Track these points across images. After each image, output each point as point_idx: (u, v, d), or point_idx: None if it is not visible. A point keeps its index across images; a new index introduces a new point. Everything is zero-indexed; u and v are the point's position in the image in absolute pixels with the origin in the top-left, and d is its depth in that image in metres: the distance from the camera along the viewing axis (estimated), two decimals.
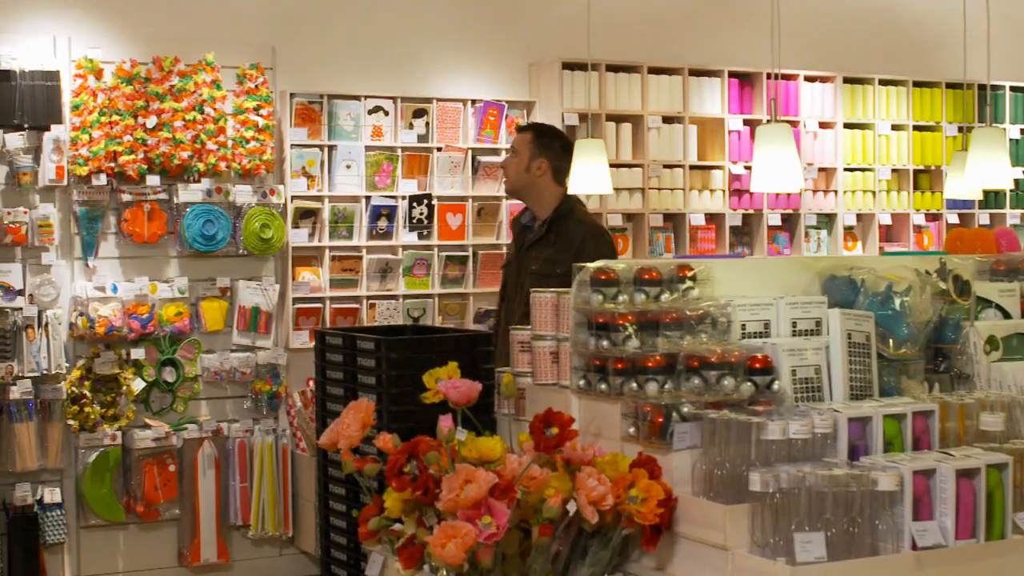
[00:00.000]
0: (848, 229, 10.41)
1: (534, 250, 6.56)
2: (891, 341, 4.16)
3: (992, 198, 10.91)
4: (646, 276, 4.07)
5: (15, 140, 7.60)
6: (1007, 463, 3.67)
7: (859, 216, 10.46)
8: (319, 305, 8.54)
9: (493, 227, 9.09)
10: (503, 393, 4.23)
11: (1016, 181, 11.06)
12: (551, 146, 6.76)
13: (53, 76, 7.68)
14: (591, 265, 4.11)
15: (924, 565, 3.49)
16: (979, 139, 7.29)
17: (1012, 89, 11.09)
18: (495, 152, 9.08)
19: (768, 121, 6.25)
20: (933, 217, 10.75)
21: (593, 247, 6.26)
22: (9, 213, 7.58)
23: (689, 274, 4.13)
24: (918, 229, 10.68)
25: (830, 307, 4.18)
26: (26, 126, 7.60)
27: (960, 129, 10.64)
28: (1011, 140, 11.04)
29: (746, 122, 9.93)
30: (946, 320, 4.37)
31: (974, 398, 4.02)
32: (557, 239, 6.51)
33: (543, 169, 6.69)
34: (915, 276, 4.32)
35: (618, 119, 9.50)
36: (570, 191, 6.80)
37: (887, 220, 10.56)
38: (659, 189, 9.59)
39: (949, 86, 10.77)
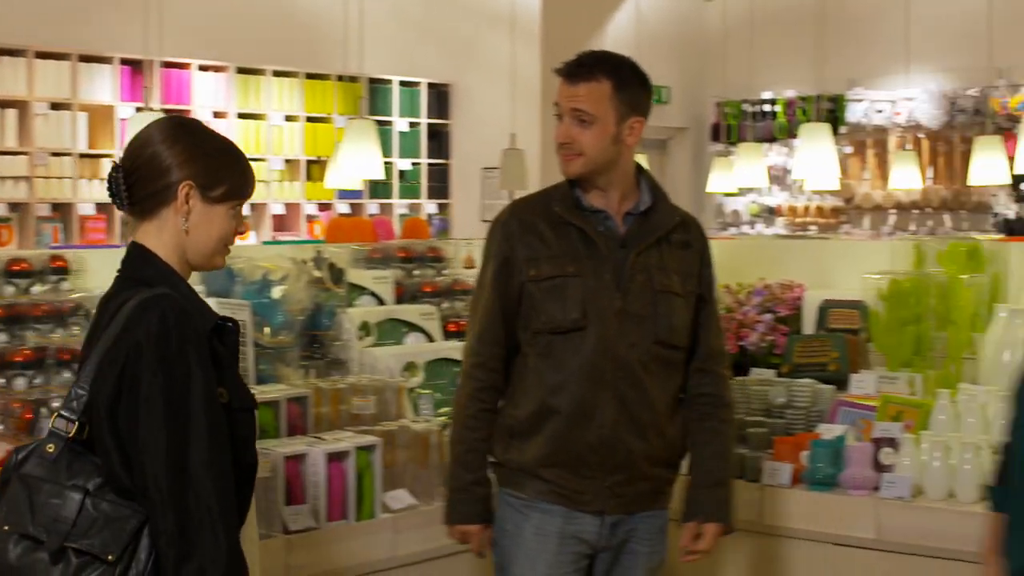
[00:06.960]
0: None
1: None
2: (267, 329, 4.23)
3: (380, 188, 11.19)
4: (16, 267, 3.95)
5: None
6: (376, 445, 3.81)
7: (252, 206, 10.52)
8: None
9: None
10: None
11: (402, 172, 11.49)
12: None
13: None
14: None
15: (295, 548, 3.57)
16: (353, 131, 7.58)
17: (401, 84, 11.46)
18: None
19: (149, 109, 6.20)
20: (326, 207, 10.98)
21: None
22: None
23: (63, 265, 4.05)
24: (311, 219, 10.87)
25: (208, 296, 4.18)
26: None
27: (349, 121, 10.92)
28: (400, 133, 11.45)
29: (139, 109, 9.77)
30: (322, 307, 4.49)
31: (347, 383, 4.16)
32: None
33: None
34: (292, 265, 4.42)
35: (2, 104, 9.13)
36: None
37: (280, 210, 10.71)
38: (47, 178, 9.28)
39: (341, 79, 11.02)
